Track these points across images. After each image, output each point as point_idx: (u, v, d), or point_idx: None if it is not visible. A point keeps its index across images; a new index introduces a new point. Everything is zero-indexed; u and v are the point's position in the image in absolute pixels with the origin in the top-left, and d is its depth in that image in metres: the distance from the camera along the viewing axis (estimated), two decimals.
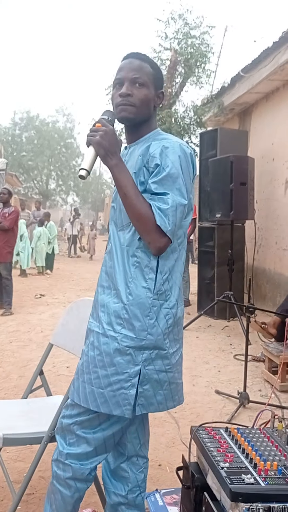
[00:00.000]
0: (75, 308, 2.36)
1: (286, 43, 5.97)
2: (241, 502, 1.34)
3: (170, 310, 1.62)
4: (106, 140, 1.56)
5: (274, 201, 7.07)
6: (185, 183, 1.57)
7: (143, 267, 1.59)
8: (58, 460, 1.68)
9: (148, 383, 1.59)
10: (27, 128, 37.40)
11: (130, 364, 1.57)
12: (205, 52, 9.49)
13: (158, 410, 1.65)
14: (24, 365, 4.42)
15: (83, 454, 1.65)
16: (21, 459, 2.67)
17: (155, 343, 1.59)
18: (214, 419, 3.26)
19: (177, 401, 1.71)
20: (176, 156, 1.57)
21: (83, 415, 1.65)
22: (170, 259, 1.62)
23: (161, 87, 1.74)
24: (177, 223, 1.55)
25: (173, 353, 1.65)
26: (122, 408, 1.57)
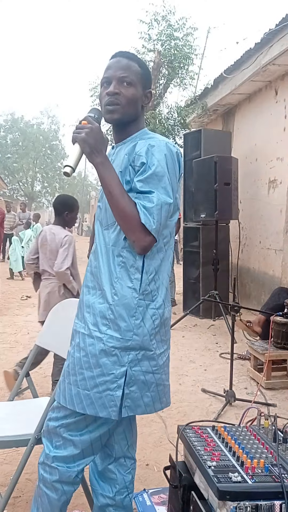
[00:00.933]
0: (60, 309, 2.35)
1: (268, 45, 6.02)
2: (229, 501, 1.35)
3: (156, 310, 1.61)
4: (91, 138, 1.53)
5: (258, 201, 7.12)
6: (171, 182, 1.56)
7: (129, 267, 1.58)
8: (44, 463, 1.66)
9: (134, 384, 1.58)
10: (11, 130, 37.22)
11: (116, 365, 1.56)
12: (189, 53, 9.53)
13: (145, 412, 1.63)
14: (11, 367, 4.38)
15: (69, 456, 1.64)
16: (7, 462, 2.65)
17: (141, 344, 1.58)
18: (201, 418, 3.27)
19: (165, 403, 1.70)
20: (162, 155, 1.55)
21: (70, 417, 1.63)
22: (156, 259, 1.61)
23: (149, 86, 1.73)
24: (162, 222, 1.54)
25: (160, 354, 1.64)
26: (109, 410, 1.56)
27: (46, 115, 39.00)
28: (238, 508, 1.34)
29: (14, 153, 36.79)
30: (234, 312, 3.70)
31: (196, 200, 6.55)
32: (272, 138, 6.71)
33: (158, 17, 9.57)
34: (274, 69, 6.33)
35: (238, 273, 7.16)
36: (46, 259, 3.68)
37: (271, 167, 6.73)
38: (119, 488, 1.79)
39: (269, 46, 6.00)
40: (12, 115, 37.56)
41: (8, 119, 37.44)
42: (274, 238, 6.56)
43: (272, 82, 6.78)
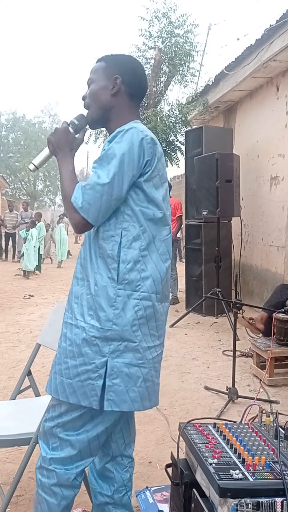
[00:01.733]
0: (61, 308, 2.34)
1: (269, 41, 6.00)
2: (230, 498, 1.34)
3: (140, 301, 1.58)
4: (55, 137, 1.69)
5: (260, 197, 7.11)
6: (120, 166, 1.54)
7: (106, 257, 1.59)
8: (41, 467, 1.65)
9: (118, 377, 1.56)
10: (13, 129, 37.25)
11: (97, 355, 1.56)
12: (189, 50, 9.47)
13: (132, 408, 1.59)
14: (14, 366, 4.40)
15: (67, 458, 1.62)
16: (10, 461, 2.65)
17: (121, 334, 1.56)
18: (204, 415, 3.27)
19: (154, 402, 1.66)
20: (120, 138, 1.57)
21: (65, 415, 1.62)
22: (132, 248, 1.58)
23: (114, 73, 1.71)
24: (93, 203, 1.53)
25: (148, 348, 1.61)
26: (90, 399, 1.56)
27: (47, 114, 39.02)
28: (239, 505, 1.34)
29: (16, 152, 36.82)
30: (236, 309, 3.70)
31: (198, 198, 6.54)
32: (273, 134, 6.69)
33: (159, 14, 9.53)
34: (275, 65, 6.30)
35: (241, 270, 7.16)
36: None
37: (273, 164, 6.71)
38: (117, 487, 1.79)
39: (270, 42, 5.98)
40: (13, 114, 37.59)
41: (10, 118, 37.47)
42: (277, 235, 6.54)
43: (273, 79, 6.76)
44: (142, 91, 1.80)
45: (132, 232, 1.58)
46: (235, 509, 1.33)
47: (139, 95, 1.78)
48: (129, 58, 1.83)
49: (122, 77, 1.71)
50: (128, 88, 1.72)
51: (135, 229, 1.59)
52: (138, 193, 1.60)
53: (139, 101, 1.80)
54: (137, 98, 1.77)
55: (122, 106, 1.73)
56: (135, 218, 1.59)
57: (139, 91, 1.77)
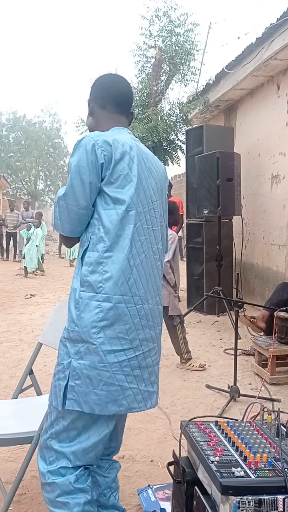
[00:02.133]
0: (63, 307, 2.35)
1: (270, 39, 5.99)
2: (232, 495, 1.35)
3: (101, 303, 1.56)
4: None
5: (261, 196, 7.11)
6: (76, 175, 1.59)
7: (78, 261, 1.65)
8: (43, 485, 1.64)
9: (79, 378, 1.56)
10: (14, 128, 37.21)
11: (66, 355, 1.60)
12: (190, 49, 9.46)
13: (94, 411, 1.56)
14: (15, 365, 4.40)
15: (64, 468, 1.62)
16: (12, 459, 2.66)
17: (81, 336, 1.57)
18: (206, 414, 3.27)
19: (125, 407, 1.59)
20: (75, 150, 1.63)
21: (56, 424, 1.63)
22: (95, 250, 1.60)
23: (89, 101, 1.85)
24: (60, 217, 1.64)
25: (111, 351, 1.56)
26: (57, 400, 1.59)
27: (47, 113, 38.97)
28: (241, 502, 1.34)
29: (16, 152, 36.79)
30: (238, 308, 3.70)
31: (198, 196, 6.54)
32: (274, 133, 6.68)
33: (159, 13, 9.53)
34: (276, 64, 6.30)
35: (242, 269, 7.17)
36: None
37: (274, 162, 6.70)
38: (102, 490, 1.79)
39: (271, 40, 5.97)
40: (14, 114, 37.56)
41: (10, 118, 37.45)
42: (278, 233, 6.54)
43: (274, 77, 6.75)
44: (113, 96, 1.82)
45: (97, 235, 1.61)
46: (237, 506, 1.34)
47: (111, 102, 1.81)
48: (98, 78, 1.88)
49: (91, 97, 1.83)
50: (96, 102, 1.82)
51: (99, 231, 1.61)
52: (104, 197, 1.63)
53: (117, 106, 1.82)
54: (111, 105, 1.81)
55: (100, 119, 1.82)
56: (100, 221, 1.61)
57: (108, 99, 1.81)
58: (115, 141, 1.65)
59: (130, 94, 1.88)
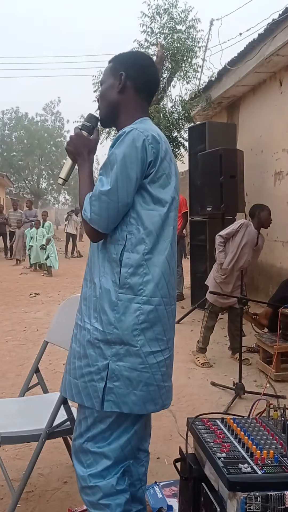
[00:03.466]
0: (68, 305, 2.37)
1: (272, 35, 5.98)
2: (239, 491, 1.35)
3: (142, 305, 1.56)
4: (71, 145, 1.71)
5: (264, 193, 7.09)
6: (123, 170, 1.52)
7: (111, 261, 1.59)
8: (83, 488, 1.63)
9: (118, 380, 1.56)
10: (16, 128, 37.25)
11: (100, 357, 1.57)
12: (192, 46, 9.45)
13: (133, 411, 1.58)
14: (21, 364, 4.42)
15: (104, 470, 1.61)
16: (19, 457, 2.68)
17: (122, 338, 1.55)
18: (211, 411, 3.28)
19: (160, 405, 1.64)
20: (121, 142, 1.55)
21: (93, 428, 1.63)
22: (135, 252, 1.57)
23: (119, 70, 1.70)
24: (100, 212, 1.53)
25: (151, 353, 1.58)
26: (93, 400, 1.58)
27: (49, 112, 38.99)
28: (248, 498, 1.35)
29: (19, 151, 36.85)
30: (242, 305, 3.71)
31: (202, 194, 6.53)
32: (277, 129, 6.67)
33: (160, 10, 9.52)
34: (278, 60, 6.28)
35: None
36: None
37: (277, 159, 6.69)
38: (133, 480, 1.78)
39: (273, 36, 5.96)
40: (16, 113, 37.59)
41: (13, 117, 37.48)
42: (281, 230, 6.53)
43: (276, 73, 6.73)
44: (150, 83, 1.74)
45: (136, 236, 1.57)
46: (244, 502, 1.34)
47: (147, 89, 1.73)
48: (135, 53, 1.83)
49: (127, 72, 1.69)
50: (133, 82, 1.70)
51: (139, 233, 1.57)
52: (144, 196, 1.58)
53: (148, 95, 1.75)
54: (145, 92, 1.73)
55: (129, 102, 1.71)
56: (140, 221, 1.57)
57: (146, 84, 1.72)
58: (160, 137, 1.60)
59: (159, 85, 1.83)
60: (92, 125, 1.73)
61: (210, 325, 4.51)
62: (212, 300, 4.47)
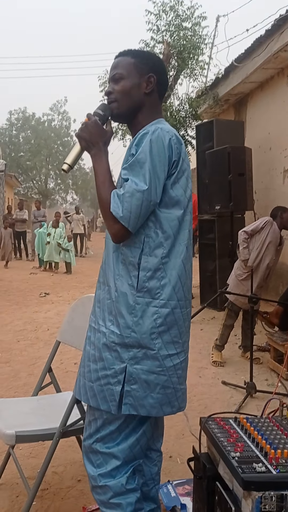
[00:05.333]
0: (80, 305, 2.38)
1: (279, 31, 5.95)
2: (254, 491, 1.36)
3: (159, 309, 1.56)
4: (86, 132, 1.62)
5: (273, 190, 7.07)
6: (153, 169, 1.50)
7: (128, 264, 1.58)
8: (94, 487, 1.65)
9: (136, 383, 1.56)
10: (23, 128, 37.44)
11: (117, 360, 1.57)
12: (198, 43, 9.42)
13: (151, 414, 1.59)
14: (33, 363, 4.45)
15: (114, 469, 1.62)
16: (34, 456, 2.70)
17: (140, 342, 1.55)
18: (222, 410, 3.28)
19: (177, 408, 1.65)
20: (148, 141, 1.52)
21: (103, 429, 1.63)
22: (153, 255, 1.56)
23: (148, 71, 1.67)
24: (134, 211, 1.49)
25: (168, 356, 1.58)
26: (109, 404, 1.57)
27: (56, 112, 39.09)
28: (263, 498, 1.35)
29: (26, 151, 37.01)
30: (252, 303, 3.70)
31: (210, 192, 6.51)
32: (286, 126, 6.64)
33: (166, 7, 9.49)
34: (286, 56, 6.25)
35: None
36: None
37: (286, 156, 6.66)
38: (146, 480, 1.79)
39: (280, 32, 5.93)
40: (23, 113, 37.74)
41: (20, 117, 37.63)
42: None
43: (284, 69, 6.70)
44: (166, 87, 1.77)
45: (154, 239, 1.56)
46: (259, 501, 1.35)
47: (164, 93, 1.77)
48: (158, 57, 1.82)
49: (157, 77, 1.68)
50: (160, 87, 1.71)
51: (157, 236, 1.56)
52: (163, 198, 1.56)
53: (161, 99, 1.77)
54: (163, 96, 1.76)
55: (152, 105, 1.70)
56: (158, 225, 1.56)
57: (165, 90, 1.76)
58: (180, 138, 1.60)
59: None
60: (106, 115, 1.69)
61: (229, 324, 4.52)
62: (233, 299, 4.46)
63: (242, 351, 4.69)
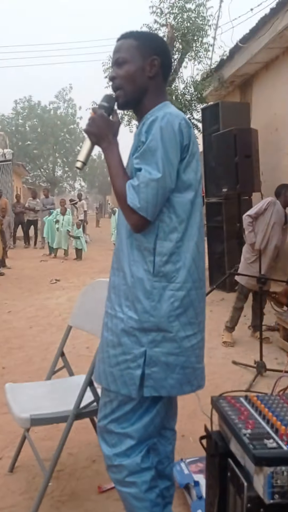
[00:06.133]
0: (90, 290, 2.41)
1: (284, 8, 5.86)
2: (265, 466, 1.38)
3: (175, 292, 1.57)
4: (94, 127, 1.62)
5: (280, 171, 7.02)
6: (166, 156, 1.50)
7: (143, 249, 1.58)
8: (109, 466, 1.68)
9: (156, 365, 1.58)
10: (29, 117, 37.33)
11: (136, 345, 1.58)
12: (202, 25, 9.29)
13: (171, 394, 1.62)
14: (46, 348, 4.51)
15: (129, 449, 1.65)
16: (49, 438, 2.76)
17: (158, 325, 1.57)
18: (233, 389, 3.32)
19: (196, 386, 1.68)
20: (158, 128, 1.51)
21: (118, 411, 1.65)
22: (168, 240, 1.57)
23: (151, 53, 1.64)
24: (151, 200, 1.49)
25: (185, 337, 1.61)
26: (129, 388, 1.59)
27: (61, 100, 38.88)
28: (275, 473, 1.37)
29: (33, 140, 36.95)
30: (261, 284, 3.71)
31: (217, 175, 6.50)
32: None
33: None
34: None
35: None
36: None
37: None
38: (161, 458, 1.82)
39: (286, 10, 5.84)
40: (28, 101, 37.59)
41: (25, 106, 37.49)
42: None
43: None
44: (170, 69, 1.74)
45: (168, 224, 1.56)
46: (271, 477, 1.37)
47: (169, 75, 1.74)
48: (161, 38, 1.78)
49: (161, 59, 1.66)
50: (163, 69, 1.68)
51: (171, 221, 1.57)
52: (176, 182, 1.56)
53: (167, 80, 1.75)
54: (167, 78, 1.73)
55: (157, 88, 1.68)
56: (172, 209, 1.56)
57: (169, 72, 1.73)
58: (188, 121, 1.59)
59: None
60: (111, 106, 1.67)
61: (238, 306, 4.54)
62: (243, 282, 4.47)
63: (252, 331, 4.71)
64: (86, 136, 1.66)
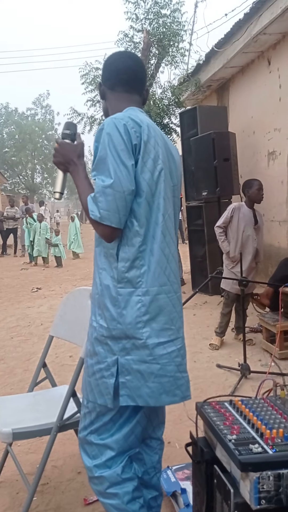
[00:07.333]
0: (71, 298, 2.38)
1: (257, 14, 5.92)
2: (251, 472, 1.37)
3: (142, 297, 1.54)
4: (59, 157, 1.69)
5: (258, 174, 7.07)
6: (117, 160, 1.49)
7: (109, 256, 1.58)
8: (91, 478, 1.66)
9: (129, 373, 1.56)
10: (6, 123, 37.10)
11: (109, 353, 1.57)
12: (177, 30, 9.34)
13: (149, 403, 1.58)
14: (28, 359, 4.45)
15: (109, 460, 1.63)
16: (32, 451, 2.71)
17: (126, 332, 1.54)
18: (218, 393, 3.31)
19: (180, 397, 1.63)
20: (105, 134, 1.52)
21: (96, 422, 1.64)
22: (130, 245, 1.55)
23: (103, 71, 1.76)
24: (110, 207, 1.47)
25: (158, 344, 1.56)
26: (105, 397, 1.57)
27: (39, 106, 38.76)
28: (261, 478, 1.36)
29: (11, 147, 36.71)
30: (243, 286, 3.72)
31: (196, 179, 6.52)
32: (268, 109, 6.64)
33: None
34: (265, 39, 6.23)
35: None
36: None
37: (269, 139, 6.67)
38: (147, 468, 1.80)
39: (259, 15, 5.90)
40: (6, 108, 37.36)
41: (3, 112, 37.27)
42: (277, 209, 6.53)
43: (264, 52, 6.68)
44: (122, 74, 1.71)
45: (130, 228, 1.55)
46: (257, 482, 1.36)
47: (123, 81, 1.71)
48: (108, 56, 1.79)
49: (102, 79, 1.75)
50: (107, 83, 1.73)
51: (132, 225, 1.55)
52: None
53: (129, 86, 1.72)
54: (121, 85, 1.71)
55: (111, 103, 1.74)
56: (132, 214, 1.54)
57: (117, 78, 1.71)
58: (141, 121, 1.57)
59: (139, 68, 1.75)
60: (73, 131, 1.73)
61: (226, 312, 4.55)
62: (228, 288, 4.49)
63: (235, 333, 4.73)
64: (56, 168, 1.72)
